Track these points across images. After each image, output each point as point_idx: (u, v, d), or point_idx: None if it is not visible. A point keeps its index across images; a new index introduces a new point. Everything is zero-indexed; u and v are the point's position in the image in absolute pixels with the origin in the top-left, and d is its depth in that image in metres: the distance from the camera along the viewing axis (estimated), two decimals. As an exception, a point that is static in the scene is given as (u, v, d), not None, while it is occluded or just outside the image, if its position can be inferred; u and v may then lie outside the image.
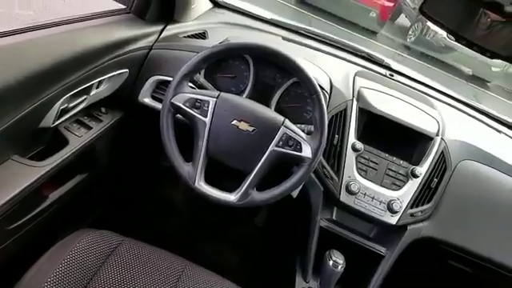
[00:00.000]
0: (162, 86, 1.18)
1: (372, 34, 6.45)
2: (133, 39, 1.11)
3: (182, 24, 1.27)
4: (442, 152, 1.13)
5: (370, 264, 1.13)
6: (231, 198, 0.94)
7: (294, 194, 1.12)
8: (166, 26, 1.22)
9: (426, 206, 1.10)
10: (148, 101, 1.19)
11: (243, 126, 0.93)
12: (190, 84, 1.01)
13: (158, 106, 1.17)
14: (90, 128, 1.13)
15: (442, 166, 1.12)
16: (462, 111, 1.45)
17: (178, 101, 0.94)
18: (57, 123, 0.98)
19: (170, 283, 0.88)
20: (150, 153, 1.62)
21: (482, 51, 0.79)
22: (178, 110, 0.94)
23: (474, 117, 1.45)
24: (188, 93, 0.94)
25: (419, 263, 1.40)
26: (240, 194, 0.94)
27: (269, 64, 1.15)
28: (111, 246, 0.91)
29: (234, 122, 0.93)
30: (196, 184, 0.94)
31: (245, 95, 1.16)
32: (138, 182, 1.72)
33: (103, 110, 1.20)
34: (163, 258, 0.92)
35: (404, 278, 1.22)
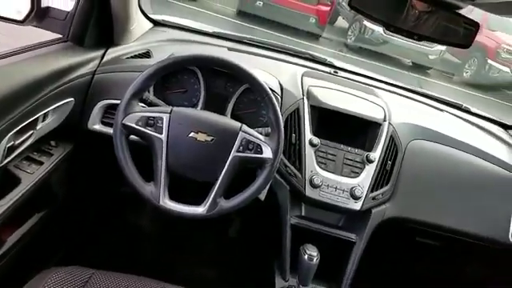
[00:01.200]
0: (111, 110, 1.15)
1: (315, 38, 6.72)
2: (73, 67, 1.09)
3: (124, 46, 1.26)
4: (392, 136, 1.20)
5: (343, 252, 1.16)
6: (199, 210, 0.93)
7: (262, 196, 1.13)
8: (106, 50, 1.21)
9: (385, 188, 1.16)
10: (98, 127, 1.16)
11: (201, 137, 0.93)
12: (141, 104, 1.00)
13: (110, 130, 1.14)
14: (41, 163, 1.08)
15: (393, 148, 1.19)
16: (405, 96, 1.54)
17: (130, 121, 0.92)
18: (5, 162, 0.94)
19: None
20: (109, 180, 1.57)
21: (410, 35, 0.86)
22: (130, 130, 0.93)
23: (416, 100, 1.55)
24: (139, 112, 0.93)
25: (389, 245, 1.46)
26: (208, 204, 0.94)
27: (218, 74, 1.17)
28: (81, 281, 0.87)
29: (192, 134, 0.93)
30: (161, 202, 0.93)
31: (198, 108, 1.16)
32: (100, 212, 1.66)
33: (53, 143, 1.16)
34: (138, 284, 0.89)
35: (377, 261, 1.27)
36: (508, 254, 1.32)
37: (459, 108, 1.59)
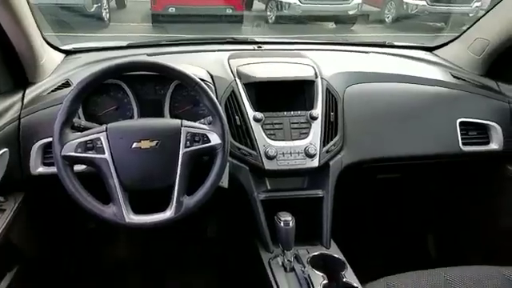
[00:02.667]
0: (48, 149, 1.11)
1: (238, 27, 6.77)
2: None
3: (41, 83, 1.21)
4: (327, 88, 1.24)
5: (316, 210, 1.20)
6: (167, 214, 0.93)
7: (225, 184, 1.14)
8: (25, 92, 1.16)
9: (335, 139, 1.20)
10: (42, 169, 1.11)
11: (145, 144, 0.92)
12: (74, 132, 0.97)
13: (54, 169, 1.10)
14: None
15: (331, 100, 1.23)
16: (330, 50, 1.60)
17: (69, 151, 0.89)
18: None
19: None
20: (73, 220, 1.52)
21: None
22: (72, 160, 0.90)
23: (342, 50, 1.61)
24: (75, 139, 0.91)
25: (355, 190, 1.52)
26: (174, 206, 0.93)
27: (144, 80, 1.15)
28: None
29: (135, 144, 0.91)
30: (127, 220, 0.91)
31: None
32: (74, 255, 1.60)
33: (1, 198, 1.10)
34: None
35: (347, 208, 1.31)
36: (462, 164, 1.42)
37: (384, 45, 1.67)
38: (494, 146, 1.34)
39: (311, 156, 1.15)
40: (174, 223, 0.94)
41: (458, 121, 1.32)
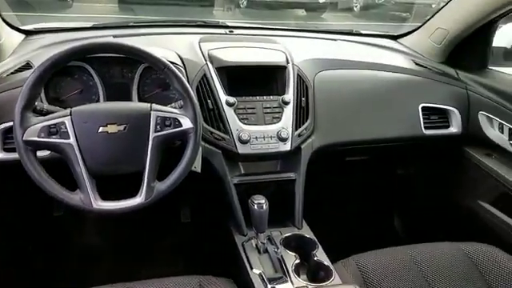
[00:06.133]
0: (9, 134, 1.05)
1: (210, 11, 6.64)
2: None
3: None
4: (298, 74, 1.26)
5: (288, 192, 1.23)
6: (138, 200, 0.92)
7: (198, 168, 1.13)
8: None
9: (306, 123, 1.23)
10: (2, 156, 1.06)
11: (112, 128, 0.89)
12: (37, 116, 0.92)
13: (16, 155, 1.05)
14: None
15: (303, 85, 1.25)
16: (301, 37, 1.62)
17: (31, 136, 0.86)
18: None
19: None
20: (39, 208, 1.46)
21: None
22: (35, 145, 0.87)
23: (312, 37, 1.64)
24: (37, 123, 0.87)
25: (325, 172, 1.56)
26: (144, 192, 0.92)
27: (110, 62, 1.12)
28: None
29: (101, 129, 0.89)
30: (95, 206, 0.89)
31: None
32: (40, 244, 1.55)
33: None
34: None
35: (318, 190, 1.35)
36: (425, 146, 1.49)
37: (351, 33, 1.71)
38: (453, 129, 1.42)
39: (284, 140, 1.17)
40: (145, 209, 0.93)
41: (421, 106, 1.38)
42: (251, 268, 1.03)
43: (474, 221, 1.44)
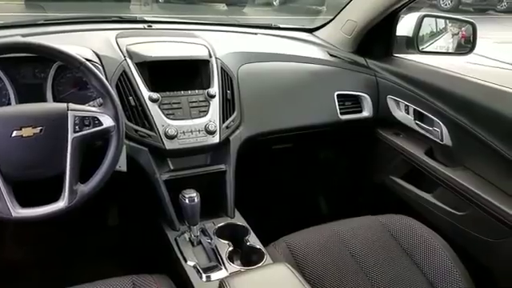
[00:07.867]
0: None
1: (126, 3, 6.33)
2: None
3: None
4: (222, 68, 1.28)
5: (220, 183, 1.25)
6: (61, 204, 0.88)
7: (124, 167, 1.11)
8: None
9: (233, 115, 1.26)
10: None
11: (27, 132, 0.84)
12: None
13: None
14: None
15: (227, 78, 1.28)
16: (222, 31, 1.64)
17: None
18: None
19: None
20: None
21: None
22: None
23: (232, 31, 1.67)
24: None
25: (254, 161, 1.62)
26: (67, 195, 0.88)
27: (19, 63, 1.04)
28: None
29: (15, 133, 0.83)
30: (14, 214, 0.83)
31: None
32: None
33: None
34: None
35: (248, 178, 1.40)
36: (342, 130, 1.62)
37: (270, 27, 1.78)
38: (365, 113, 1.56)
39: (212, 133, 1.19)
40: (69, 214, 0.89)
41: (336, 93, 1.50)
42: (185, 261, 1.04)
43: (389, 194, 1.60)
